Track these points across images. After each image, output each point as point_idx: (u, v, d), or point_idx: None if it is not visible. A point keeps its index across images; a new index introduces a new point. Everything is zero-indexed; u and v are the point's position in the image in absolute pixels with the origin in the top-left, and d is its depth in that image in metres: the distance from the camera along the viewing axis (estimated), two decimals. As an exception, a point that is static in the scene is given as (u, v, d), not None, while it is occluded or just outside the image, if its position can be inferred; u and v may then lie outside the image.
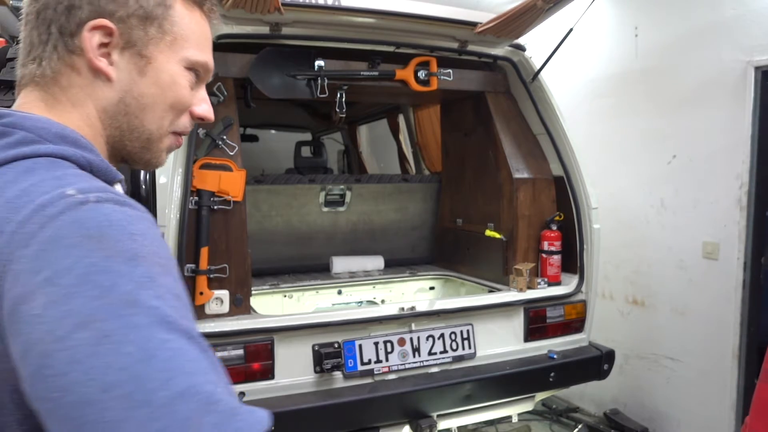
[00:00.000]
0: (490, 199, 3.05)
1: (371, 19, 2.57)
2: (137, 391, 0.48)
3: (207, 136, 2.29)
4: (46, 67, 0.70)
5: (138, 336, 0.50)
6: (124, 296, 0.52)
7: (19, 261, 0.53)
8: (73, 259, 0.52)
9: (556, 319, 2.77)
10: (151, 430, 0.47)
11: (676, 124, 3.49)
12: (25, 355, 0.51)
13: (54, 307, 0.50)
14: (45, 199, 0.56)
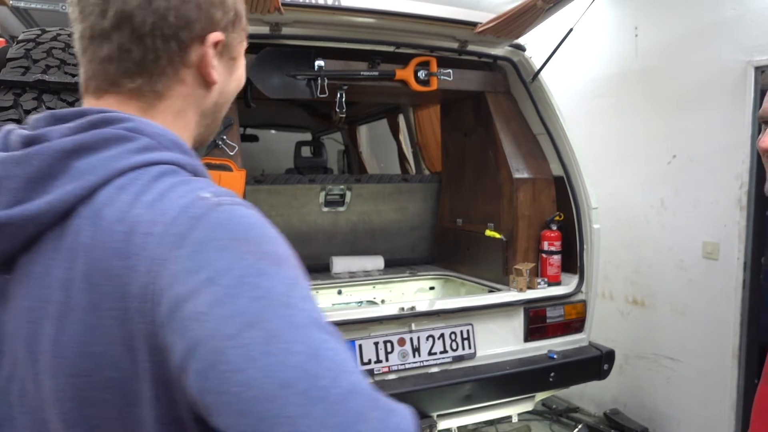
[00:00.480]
0: (490, 199, 3.05)
1: (371, 19, 2.58)
2: (313, 388, 0.51)
3: (207, 136, 2.29)
4: (157, 81, 0.69)
5: (302, 336, 0.53)
6: (281, 298, 0.55)
7: (175, 261, 0.56)
8: (228, 261, 0.56)
9: (556, 319, 2.77)
10: (329, 425, 0.50)
11: (676, 124, 3.49)
12: (194, 350, 0.53)
13: (220, 306, 0.53)
14: (185, 202, 0.59)
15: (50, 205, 0.61)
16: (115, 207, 0.60)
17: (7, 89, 1.22)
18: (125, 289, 0.57)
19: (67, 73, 1.26)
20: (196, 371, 0.53)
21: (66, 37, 1.36)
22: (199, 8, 0.69)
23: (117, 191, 0.61)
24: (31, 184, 0.62)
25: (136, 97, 0.69)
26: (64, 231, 0.61)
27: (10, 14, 4.63)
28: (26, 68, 1.26)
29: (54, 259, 0.61)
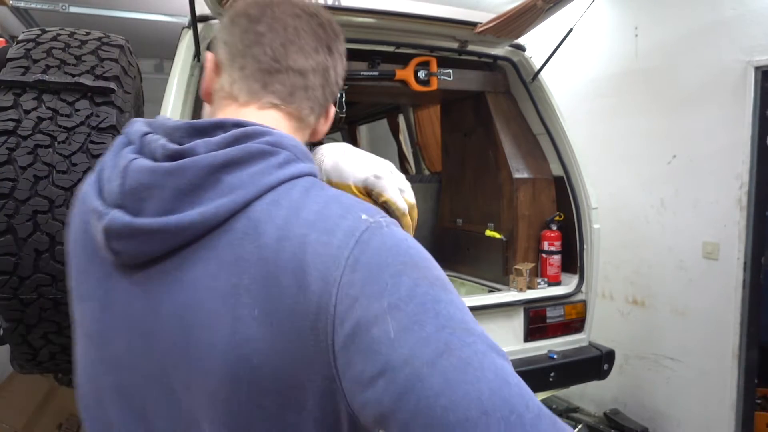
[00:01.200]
0: (490, 199, 3.05)
1: (371, 19, 2.57)
2: (511, 414, 0.53)
3: (207, 136, 2.29)
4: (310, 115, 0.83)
5: (489, 362, 0.56)
6: (462, 324, 0.58)
7: (352, 285, 0.59)
8: (406, 288, 0.59)
9: (556, 319, 2.77)
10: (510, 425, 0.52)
11: (676, 124, 3.49)
12: (385, 373, 0.56)
13: (409, 332, 0.57)
14: (349, 225, 0.63)
15: (203, 216, 0.64)
16: (273, 224, 0.64)
17: (7, 89, 1.22)
18: (297, 307, 0.61)
19: (67, 73, 1.26)
20: (391, 392, 0.56)
21: (66, 37, 1.36)
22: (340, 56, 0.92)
23: (271, 206, 0.65)
24: (180, 195, 0.65)
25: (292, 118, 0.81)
26: (217, 243, 0.65)
27: (10, 14, 4.63)
28: (26, 68, 1.26)
29: (206, 269, 0.65)
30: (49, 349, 1.29)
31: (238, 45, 0.78)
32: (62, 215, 1.18)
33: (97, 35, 1.40)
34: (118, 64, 1.33)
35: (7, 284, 1.17)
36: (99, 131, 1.23)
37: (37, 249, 1.17)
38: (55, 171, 1.19)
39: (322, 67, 0.85)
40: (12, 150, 1.17)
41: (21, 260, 1.17)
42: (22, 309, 1.21)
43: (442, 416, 0.53)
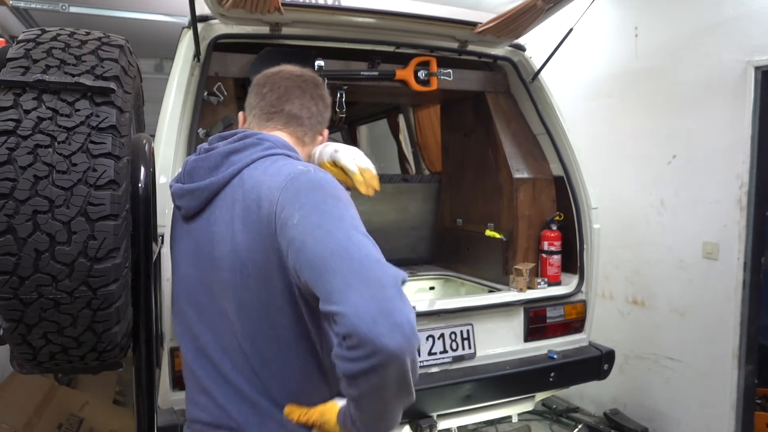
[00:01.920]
0: (490, 199, 3.05)
1: (371, 19, 2.57)
2: (347, 256, 0.97)
3: (207, 136, 2.29)
4: (308, 137, 1.38)
5: (344, 231, 1.02)
6: (336, 215, 1.05)
7: (284, 200, 1.08)
8: (309, 198, 1.07)
9: (556, 319, 2.77)
10: (355, 270, 0.96)
11: (676, 124, 3.49)
12: (291, 243, 1.04)
13: (304, 220, 1.04)
14: (289, 170, 1.14)
15: (216, 179, 1.21)
16: (251, 177, 1.17)
17: (7, 89, 1.22)
18: (260, 218, 1.11)
19: (67, 73, 1.26)
20: (292, 253, 1.04)
21: (66, 37, 1.35)
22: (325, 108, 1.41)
23: (252, 169, 1.19)
24: (208, 171, 1.23)
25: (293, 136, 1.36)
26: (224, 194, 1.20)
27: (10, 14, 4.63)
28: (26, 68, 1.26)
29: (220, 209, 1.19)
30: (49, 349, 1.29)
31: (252, 101, 1.37)
32: (62, 215, 1.18)
33: (97, 35, 1.39)
34: (118, 64, 1.33)
35: (7, 284, 1.17)
36: (99, 131, 1.23)
37: (37, 249, 1.17)
38: (55, 171, 1.19)
39: (306, 107, 1.35)
40: (12, 150, 1.17)
41: (21, 260, 1.17)
42: (22, 309, 1.21)
43: (311, 259, 1.00)
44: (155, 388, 1.55)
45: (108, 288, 1.23)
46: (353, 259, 0.97)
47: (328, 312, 0.94)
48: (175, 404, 2.08)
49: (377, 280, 0.94)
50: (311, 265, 0.99)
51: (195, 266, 1.25)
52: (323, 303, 0.96)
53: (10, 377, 3.29)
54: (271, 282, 1.11)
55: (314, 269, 0.99)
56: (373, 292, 0.93)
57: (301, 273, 1.02)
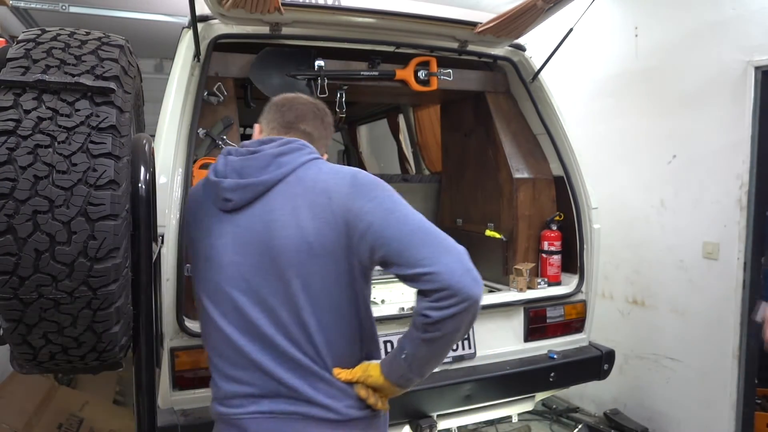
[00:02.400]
0: (490, 199, 3.05)
1: (371, 19, 2.57)
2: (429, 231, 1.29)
3: (207, 136, 2.29)
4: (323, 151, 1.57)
5: (414, 215, 1.32)
6: (402, 203, 1.34)
7: (354, 194, 1.34)
8: (375, 191, 1.35)
9: (556, 319, 2.77)
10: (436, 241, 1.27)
11: (676, 124, 3.49)
12: (371, 226, 1.31)
13: (379, 207, 1.32)
14: (346, 171, 1.41)
15: (270, 177, 1.39)
16: (309, 176, 1.40)
17: (7, 89, 1.22)
18: (331, 209, 1.34)
19: (67, 73, 1.26)
20: (372, 233, 1.31)
21: (66, 37, 1.35)
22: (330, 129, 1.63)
23: (305, 169, 1.41)
24: (258, 169, 1.40)
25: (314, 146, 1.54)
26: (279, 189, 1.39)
27: (10, 14, 4.63)
28: (26, 68, 1.26)
29: (277, 201, 1.38)
30: (49, 349, 1.29)
31: (271, 117, 1.56)
32: (62, 215, 1.18)
33: (97, 35, 1.39)
34: (118, 64, 1.33)
35: (7, 284, 1.17)
36: (99, 131, 1.23)
37: (37, 249, 1.17)
38: (55, 171, 1.19)
39: (317, 129, 1.57)
40: (12, 150, 1.17)
41: (21, 260, 1.17)
42: (22, 309, 1.21)
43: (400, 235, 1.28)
44: (155, 388, 1.55)
45: (108, 288, 1.23)
46: (433, 234, 1.28)
47: (420, 273, 1.24)
48: (175, 404, 2.08)
49: (455, 248, 1.28)
50: (398, 240, 1.27)
51: (243, 253, 1.39)
52: (411, 267, 1.25)
53: (10, 377, 3.29)
54: (336, 260, 1.35)
55: (401, 242, 1.27)
56: (456, 257, 1.26)
57: (381, 248, 1.30)
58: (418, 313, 1.27)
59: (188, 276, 2.14)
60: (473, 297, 1.23)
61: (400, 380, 1.37)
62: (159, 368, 2.02)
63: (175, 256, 2.07)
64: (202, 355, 2.13)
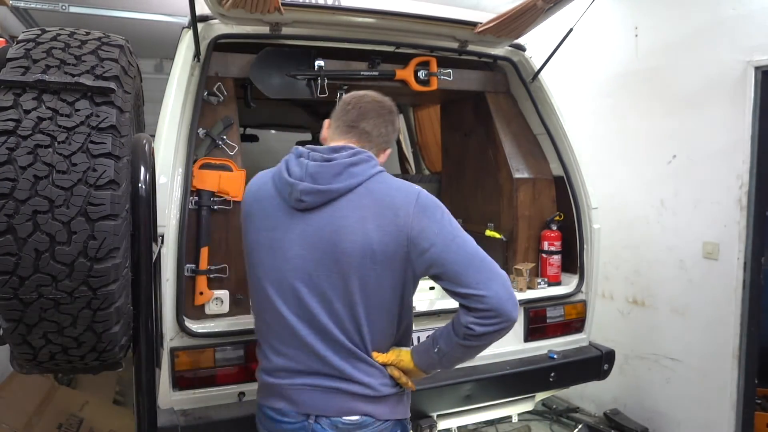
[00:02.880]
0: (490, 199, 3.05)
1: (371, 19, 2.57)
2: (477, 255, 1.52)
3: (207, 136, 2.29)
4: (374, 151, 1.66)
5: (471, 242, 1.53)
6: (458, 230, 1.54)
7: (417, 213, 1.51)
8: (437, 214, 1.54)
9: (556, 319, 2.77)
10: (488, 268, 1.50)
11: (676, 124, 3.49)
12: (434, 246, 1.50)
13: (441, 231, 1.51)
14: (410, 188, 1.57)
15: (343, 186, 1.53)
16: (378, 190, 1.55)
17: (7, 89, 1.22)
18: (396, 223, 1.50)
19: (67, 73, 1.26)
20: (436, 252, 1.50)
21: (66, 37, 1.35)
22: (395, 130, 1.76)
23: (374, 182, 1.56)
24: (332, 176, 1.53)
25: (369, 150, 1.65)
26: (350, 198, 1.53)
27: (10, 14, 4.62)
28: (26, 68, 1.26)
29: (347, 209, 1.52)
30: (49, 349, 1.29)
31: (337, 114, 1.71)
32: (62, 215, 1.18)
33: (97, 35, 1.39)
34: (118, 64, 1.33)
35: (7, 284, 1.17)
36: (99, 131, 1.23)
37: (37, 249, 1.17)
38: (55, 171, 1.19)
39: (377, 127, 1.68)
40: (12, 150, 1.17)
41: (21, 260, 1.17)
42: (22, 309, 1.21)
43: (459, 259, 1.49)
44: (155, 388, 1.55)
45: (108, 288, 1.24)
46: (486, 261, 1.51)
47: (471, 294, 1.47)
48: (175, 404, 2.08)
49: (501, 276, 1.50)
50: (457, 263, 1.48)
51: (309, 248, 1.55)
52: (464, 288, 1.49)
53: (10, 377, 3.28)
54: (393, 269, 1.53)
55: (459, 265, 1.48)
56: (502, 284, 1.49)
57: (440, 267, 1.50)
58: (462, 325, 1.52)
59: (188, 276, 2.14)
60: (513, 319, 1.48)
61: (428, 368, 1.64)
62: (159, 368, 2.02)
63: (175, 256, 2.07)
64: (202, 355, 2.14)
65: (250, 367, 2.16)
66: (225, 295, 2.20)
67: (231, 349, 2.15)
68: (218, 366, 2.14)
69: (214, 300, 2.19)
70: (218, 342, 2.14)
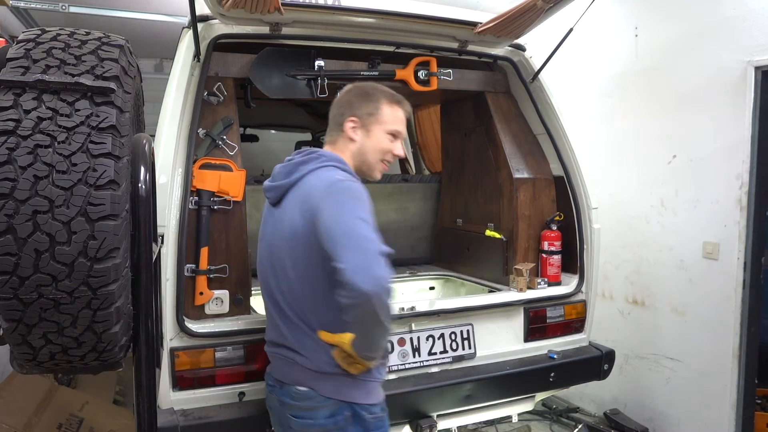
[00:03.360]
0: (490, 199, 3.05)
1: (371, 19, 2.57)
2: (351, 236, 1.54)
3: (207, 136, 2.29)
4: (336, 138, 1.88)
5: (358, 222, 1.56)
6: (348, 208, 1.60)
7: (322, 197, 1.65)
8: (337, 197, 1.64)
9: (556, 319, 2.77)
10: (352, 244, 1.53)
11: (676, 124, 3.50)
12: (320, 225, 1.61)
13: (328, 210, 1.62)
14: (331, 178, 1.70)
15: (288, 181, 1.79)
16: (309, 181, 1.74)
17: (7, 89, 1.22)
18: (310, 204, 1.67)
19: (67, 73, 1.26)
20: (321, 229, 1.60)
21: (66, 37, 1.35)
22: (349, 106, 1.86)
23: (312, 176, 1.75)
24: (286, 174, 1.81)
25: (330, 144, 1.90)
26: (292, 191, 1.77)
27: (10, 14, 4.62)
28: (26, 68, 1.26)
29: (291, 200, 1.77)
30: (49, 349, 1.29)
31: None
32: (62, 215, 1.17)
33: (97, 35, 1.39)
34: (118, 64, 1.33)
35: (7, 284, 1.16)
36: (99, 131, 1.23)
37: (37, 249, 1.17)
38: (55, 171, 1.19)
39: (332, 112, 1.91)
40: (12, 150, 1.17)
41: (21, 260, 1.17)
42: (22, 309, 1.21)
43: (331, 236, 1.57)
44: (155, 388, 1.55)
45: (108, 288, 1.24)
46: (353, 238, 1.53)
47: (336, 267, 1.50)
48: (175, 404, 2.08)
49: (365, 250, 1.52)
50: (333, 238, 1.56)
51: (272, 237, 1.82)
52: (335, 262, 1.52)
53: (10, 377, 3.29)
54: (313, 247, 1.65)
55: (331, 242, 1.56)
56: (361, 256, 1.50)
57: (324, 241, 1.58)
58: None
59: (189, 276, 2.14)
60: (364, 293, 1.46)
61: (362, 354, 1.65)
62: (159, 368, 2.02)
63: (175, 256, 2.07)
64: (202, 355, 2.14)
65: (252, 367, 2.16)
66: (225, 295, 2.20)
67: (231, 349, 2.15)
68: (218, 366, 2.14)
69: (214, 300, 2.19)
70: (218, 342, 2.14)
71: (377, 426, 1.77)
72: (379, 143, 1.84)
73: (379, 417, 1.78)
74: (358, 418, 1.73)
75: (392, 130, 1.85)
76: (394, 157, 1.89)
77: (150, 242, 1.46)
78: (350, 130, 1.83)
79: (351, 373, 1.70)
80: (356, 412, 1.73)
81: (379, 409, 1.79)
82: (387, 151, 1.86)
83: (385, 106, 1.84)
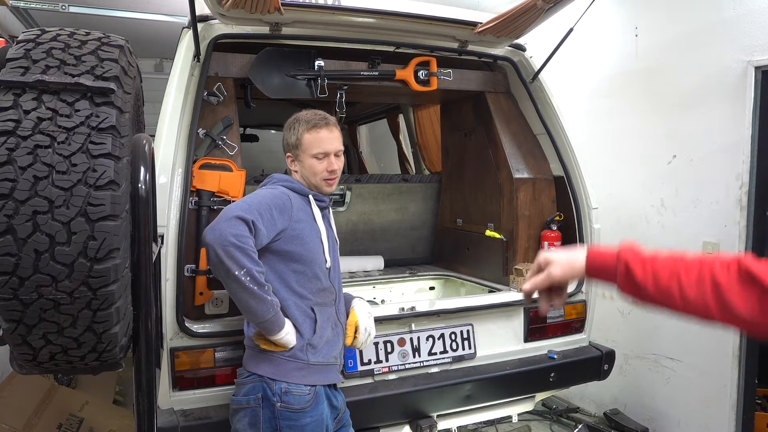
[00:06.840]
0: (490, 199, 3.05)
1: (371, 19, 2.57)
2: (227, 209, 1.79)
3: (207, 136, 2.29)
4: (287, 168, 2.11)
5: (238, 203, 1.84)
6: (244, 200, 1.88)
7: None
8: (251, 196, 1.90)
9: (557, 320, 2.77)
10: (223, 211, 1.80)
11: (676, 124, 3.49)
12: None
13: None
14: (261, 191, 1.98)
15: None
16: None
17: (6, 89, 1.22)
18: None
19: (67, 74, 1.26)
20: None
21: (66, 37, 1.35)
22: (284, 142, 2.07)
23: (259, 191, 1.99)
24: None
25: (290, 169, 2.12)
26: None
27: (10, 14, 4.63)
28: (26, 68, 1.25)
29: None
30: (49, 349, 1.29)
31: None
32: (62, 216, 1.17)
33: (97, 35, 1.39)
34: (118, 64, 1.32)
35: (7, 284, 1.16)
36: (99, 131, 1.23)
37: (37, 249, 1.17)
38: (54, 171, 1.18)
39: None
40: (12, 150, 1.17)
41: (21, 261, 1.16)
42: (22, 309, 1.20)
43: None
44: (155, 388, 1.55)
45: (108, 288, 1.23)
46: (224, 211, 1.77)
47: None
48: (175, 404, 2.08)
49: (222, 214, 1.75)
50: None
51: None
52: None
53: (10, 377, 3.28)
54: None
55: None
56: (217, 219, 1.75)
57: None
58: None
59: (189, 276, 2.14)
60: (206, 243, 1.71)
61: (253, 322, 1.83)
62: (159, 368, 2.02)
63: (175, 256, 2.07)
64: (202, 355, 2.14)
65: (250, 367, 2.16)
66: (225, 295, 2.20)
67: (231, 349, 2.15)
68: (218, 366, 2.14)
69: (213, 300, 2.19)
70: (218, 342, 2.14)
71: (287, 417, 1.79)
72: (312, 168, 1.98)
73: (290, 408, 1.80)
74: (267, 402, 1.79)
75: (316, 153, 1.96)
76: (331, 173, 1.99)
77: (150, 242, 1.46)
78: (290, 164, 2.04)
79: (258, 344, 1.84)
80: (266, 395, 1.80)
81: (294, 398, 1.81)
82: (320, 171, 1.97)
83: (304, 135, 1.97)
